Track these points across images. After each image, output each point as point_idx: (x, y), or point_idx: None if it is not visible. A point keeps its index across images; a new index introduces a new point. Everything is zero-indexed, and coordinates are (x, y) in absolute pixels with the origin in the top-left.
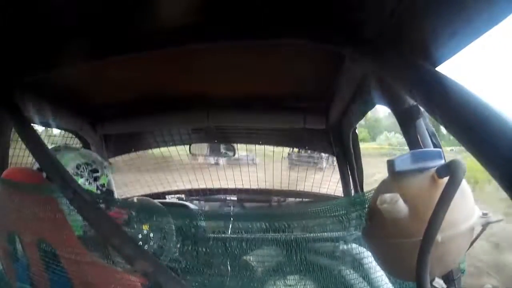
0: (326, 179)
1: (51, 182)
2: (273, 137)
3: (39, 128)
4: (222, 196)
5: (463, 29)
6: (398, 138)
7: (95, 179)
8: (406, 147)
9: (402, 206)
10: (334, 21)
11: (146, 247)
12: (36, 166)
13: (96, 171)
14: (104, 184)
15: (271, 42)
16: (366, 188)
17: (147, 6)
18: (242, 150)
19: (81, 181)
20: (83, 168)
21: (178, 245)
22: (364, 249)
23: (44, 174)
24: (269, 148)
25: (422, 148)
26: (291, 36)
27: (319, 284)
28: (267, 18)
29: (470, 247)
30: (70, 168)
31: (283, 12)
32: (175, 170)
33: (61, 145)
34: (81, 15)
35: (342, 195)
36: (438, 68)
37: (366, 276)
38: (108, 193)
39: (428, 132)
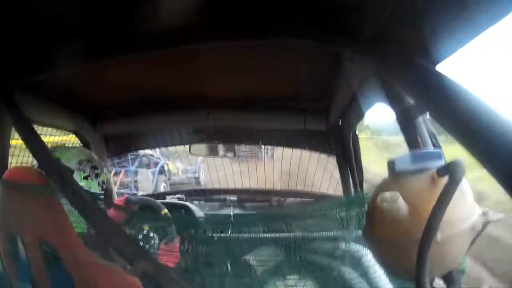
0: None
1: (52, 182)
2: (273, 137)
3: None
4: (222, 196)
5: (463, 28)
6: None
7: (97, 175)
8: None
9: (402, 205)
10: (334, 21)
11: (146, 247)
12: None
13: (96, 168)
14: (104, 181)
15: (271, 42)
16: None
17: (147, 6)
18: None
19: (83, 176)
20: (85, 164)
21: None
22: (364, 249)
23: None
24: None
25: (421, 148)
26: (291, 36)
27: (319, 284)
28: (267, 19)
29: (470, 246)
30: (73, 164)
31: (283, 13)
32: None
33: (59, 144)
34: (81, 16)
35: (342, 196)
36: (437, 67)
37: (365, 275)
38: (107, 192)
39: (428, 132)
